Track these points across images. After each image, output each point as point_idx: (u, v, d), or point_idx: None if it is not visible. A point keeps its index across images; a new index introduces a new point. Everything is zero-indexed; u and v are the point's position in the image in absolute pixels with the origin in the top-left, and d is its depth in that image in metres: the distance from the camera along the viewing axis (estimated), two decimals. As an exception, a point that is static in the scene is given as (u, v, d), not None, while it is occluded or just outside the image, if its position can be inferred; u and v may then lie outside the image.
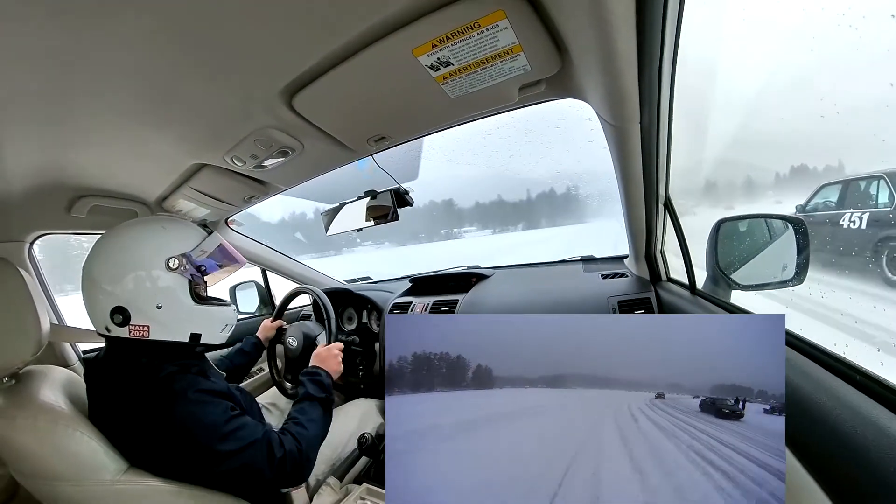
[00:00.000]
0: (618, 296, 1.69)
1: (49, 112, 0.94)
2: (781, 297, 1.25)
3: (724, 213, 1.27)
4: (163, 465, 1.03)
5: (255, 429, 1.06)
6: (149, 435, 1.00)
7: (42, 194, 1.38)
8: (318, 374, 1.34)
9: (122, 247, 1.09)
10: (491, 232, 54.54)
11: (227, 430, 1.01)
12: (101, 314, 1.06)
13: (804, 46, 3.86)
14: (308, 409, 1.22)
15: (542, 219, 76.93)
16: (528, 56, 0.84)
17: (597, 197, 50.88)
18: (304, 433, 1.14)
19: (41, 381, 1.08)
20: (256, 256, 2.47)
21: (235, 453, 1.01)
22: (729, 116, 4.36)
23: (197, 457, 1.00)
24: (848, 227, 3.44)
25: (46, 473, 0.94)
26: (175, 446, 0.99)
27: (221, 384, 1.17)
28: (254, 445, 1.03)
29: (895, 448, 0.52)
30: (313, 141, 1.23)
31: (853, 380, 0.67)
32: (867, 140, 1.56)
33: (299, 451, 1.09)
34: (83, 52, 0.75)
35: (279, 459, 1.04)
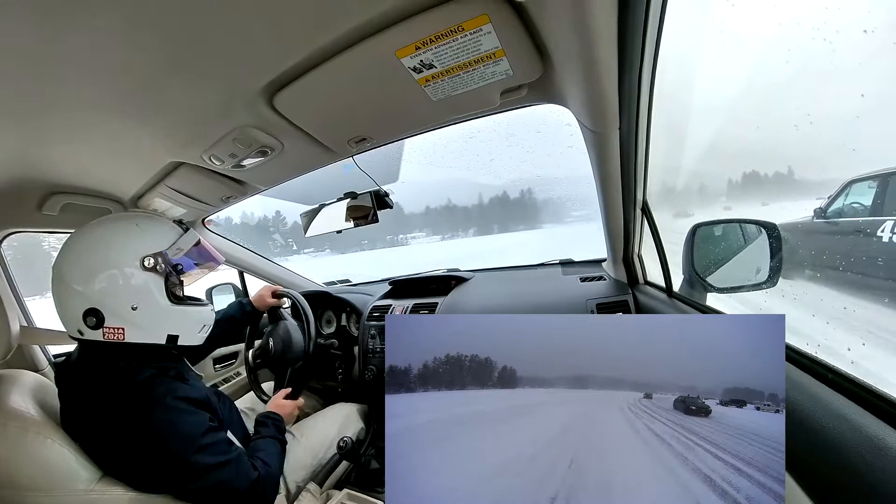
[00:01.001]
0: (596, 298, 1.71)
1: (21, 106, 0.91)
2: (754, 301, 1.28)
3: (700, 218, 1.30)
4: (136, 475, 1.01)
5: (230, 447, 1.07)
6: (123, 441, 0.98)
7: (11, 191, 1.34)
8: (277, 419, 1.40)
9: (94, 245, 1.05)
10: (440, 238, 54.53)
11: (204, 443, 1.00)
12: (72, 316, 1.02)
13: (780, 58, 4.03)
14: (269, 446, 1.27)
15: (495, 224, 76.67)
16: (510, 61, 0.85)
17: (557, 201, 51.10)
18: (271, 461, 1.19)
19: (10, 386, 1.05)
20: (233, 258, 2.43)
21: (211, 468, 1.00)
22: (706, 123, 4.47)
23: (170, 467, 0.98)
24: (892, 240, 2.18)
25: (16, 483, 0.91)
26: (149, 454, 0.97)
27: (201, 391, 1.14)
28: (229, 464, 1.03)
29: (891, 461, 0.52)
30: (293, 141, 1.22)
31: (846, 390, 0.67)
32: (840, 148, 1.59)
33: (269, 474, 1.14)
34: (59, 45, 0.73)
35: (254, 480, 1.06)
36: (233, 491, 1.02)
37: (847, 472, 0.56)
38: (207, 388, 1.25)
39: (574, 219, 34.89)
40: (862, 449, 0.56)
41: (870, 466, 0.54)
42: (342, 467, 1.58)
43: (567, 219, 40.16)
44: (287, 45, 0.82)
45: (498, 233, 58.98)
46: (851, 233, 2.74)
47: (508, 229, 63.60)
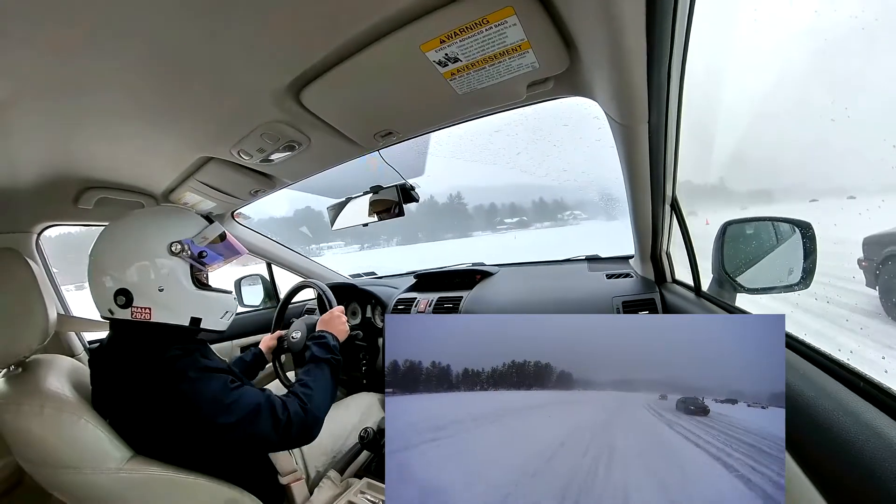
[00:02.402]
0: (622, 296, 1.69)
1: (57, 105, 0.95)
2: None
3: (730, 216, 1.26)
4: (167, 448, 1.05)
5: (255, 396, 1.09)
6: (153, 415, 1.02)
7: (50, 186, 1.39)
8: (323, 336, 1.39)
9: (126, 233, 1.11)
10: (359, 248, 54.07)
11: (228, 401, 1.04)
12: (104, 297, 1.09)
13: (815, 48, 3.81)
14: (314, 370, 1.26)
15: (419, 232, 75.16)
16: (536, 53, 0.84)
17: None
18: (310, 393, 1.17)
19: (47, 369, 1.09)
20: (261, 250, 2.47)
21: (237, 425, 1.03)
22: (739, 117, 4.29)
23: (201, 432, 1.02)
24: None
25: (51, 461, 0.95)
26: (179, 424, 1.01)
27: (220, 361, 1.19)
28: (256, 413, 1.05)
29: (887, 446, 0.53)
30: (320, 135, 1.24)
31: (856, 386, 0.67)
32: (878, 145, 1.51)
33: (305, 411, 1.12)
34: (93, 46, 0.75)
35: (283, 424, 1.07)
36: (263, 439, 1.06)
37: (852, 464, 0.56)
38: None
39: (507, 226, 34.40)
40: (867, 441, 0.56)
41: (879, 462, 0.53)
42: (363, 456, 1.60)
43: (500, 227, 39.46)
44: (312, 40, 0.83)
45: (424, 241, 57.69)
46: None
47: (436, 238, 62.53)
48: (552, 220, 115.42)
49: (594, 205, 44.99)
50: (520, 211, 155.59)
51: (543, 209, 39.06)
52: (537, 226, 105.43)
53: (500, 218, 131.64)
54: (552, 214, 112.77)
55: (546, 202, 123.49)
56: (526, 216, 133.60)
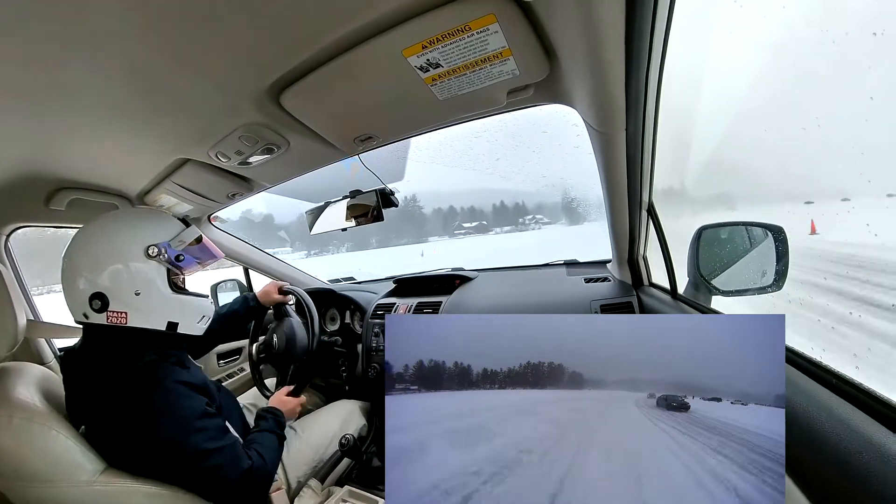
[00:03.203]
0: (600, 299, 1.71)
1: (30, 103, 0.92)
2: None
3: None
4: (137, 459, 1.03)
5: (225, 434, 1.08)
6: (123, 423, 1.00)
7: (20, 186, 1.35)
8: (277, 413, 1.41)
9: (102, 235, 1.10)
10: (306, 254, 53.20)
11: (198, 427, 1.02)
12: (79, 301, 1.06)
13: (788, 60, 3.93)
14: (267, 437, 1.28)
15: (374, 238, 74.44)
16: (517, 60, 0.85)
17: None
18: (265, 453, 1.19)
19: (16, 378, 1.06)
20: (238, 254, 2.44)
21: (204, 453, 1.01)
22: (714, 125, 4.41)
23: (165, 449, 1.00)
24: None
25: (22, 474, 0.92)
26: (146, 436, 0.99)
27: (199, 377, 1.17)
28: (222, 451, 1.04)
29: (890, 465, 0.52)
30: (299, 138, 1.23)
31: (846, 393, 0.67)
32: (847, 151, 1.56)
33: (263, 465, 1.14)
34: (69, 43, 0.73)
35: (246, 470, 1.07)
36: (223, 478, 1.04)
37: (847, 476, 0.56)
38: (208, 378, 1.28)
39: (465, 231, 34.71)
40: (862, 453, 0.56)
41: (871, 471, 0.53)
42: (344, 464, 1.58)
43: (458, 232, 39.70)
44: (294, 43, 0.82)
45: (377, 247, 57.28)
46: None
47: (389, 244, 62.37)
48: (513, 225, 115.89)
49: (556, 209, 45.41)
50: (480, 215, 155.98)
51: (504, 213, 39.10)
52: (497, 230, 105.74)
53: (459, 222, 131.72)
54: (513, 219, 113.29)
55: (507, 206, 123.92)
56: (486, 220, 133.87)
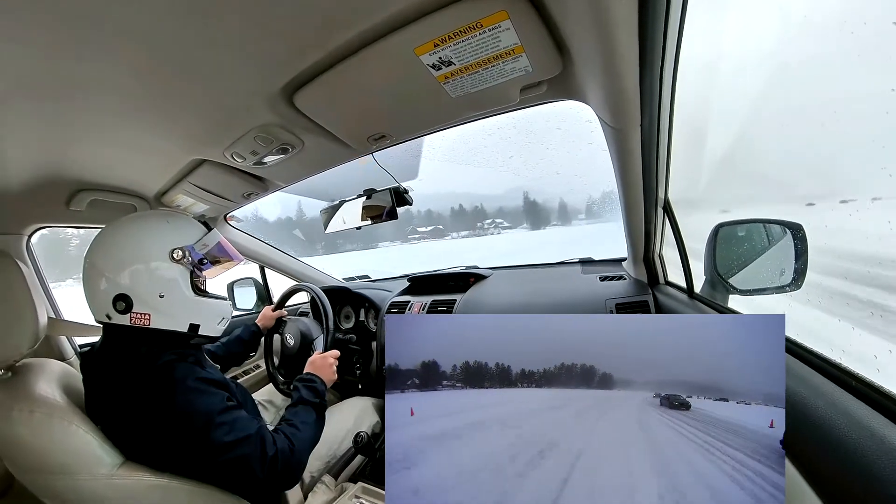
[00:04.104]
0: (615, 298, 1.69)
1: (50, 107, 0.94)
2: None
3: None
4: (157, 456, 1.04)
5: (249, 423, 1.07)
6: (145, 423, 1.01)
7: (41, 188, 1.38)
8: (312, 380, 1.35)
9: (126, 237, 1.10)
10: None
11: (221, 420, 1.02)
12: (103, 301, 1.07)
13: (806, 52, 3.80)
14: (301, 412, 1.23)
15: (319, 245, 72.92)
16: (529, 57, 0.84)
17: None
18: (298, 434, 1.14)
19: (37, 374, 1.08)
20: (255, 253, 2.46)
21: (228, 446, 1.01)
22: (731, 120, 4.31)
23: (191, 445, 1.01)
24: None
25: (42, 467, 0.94)
26: (170, 434, 1.00)
27: (217, 374, 1.19)
28: (247, 440, 1.03)
29: (890, 455, 0.52)
30: (314, 138, 1.24)
31: (849, 386, 0.67)
32: (866, 146, 1.51)
33: (291, 450, 1.09)
34: (86, 47, 0.75)
35: (271, 458, 1.04)
36: (250, 469, 1.02)
37: (848, 464, 0.57)
38: (224, 376, 1.28)
39: (420, 236, 33.76)
40: (865, 444, 0.56)
41: (873, 462, 0.53)
42: (357, 461, 1.59)
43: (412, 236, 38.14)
44: (306, 44, 0.83)
45: (323, 253, 55.84)
46: None
47: (336, 249, 61.30)
48: (470, 230, 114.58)
49: (517, 214, 44.61)
50: (436, 219, 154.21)
51: (462, 217, 37.39)
52: (454, 235, 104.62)
53: (413, 227, 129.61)
54: (471, 223, 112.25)
55: (466, 210, 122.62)
56: (442, 224, 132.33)
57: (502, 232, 65.81)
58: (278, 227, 45.41)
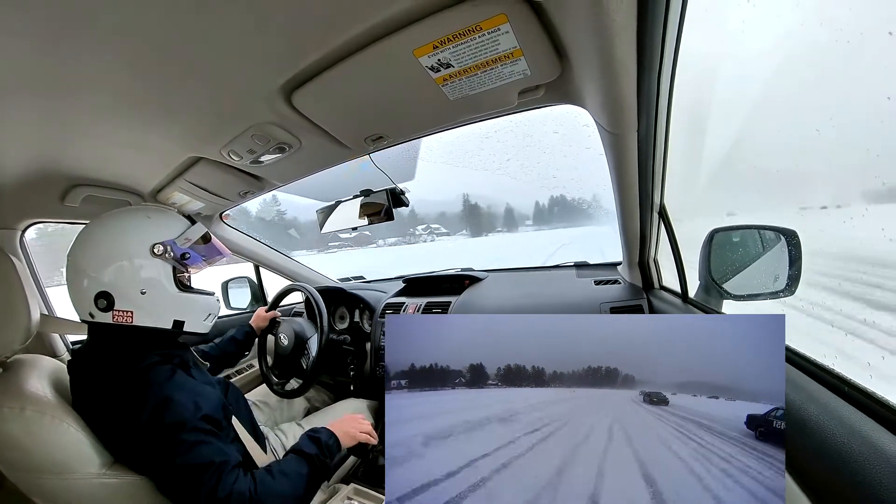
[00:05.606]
0: (610, 302, 1.70)
1: (45, 102, 0.93)
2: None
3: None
4: (133, 457, 1.02)
5: (213, 452, 0.98)
6: (123, 423, 0.99)
7: (36, 183, 1.37)
8: (317, 431, 1.23)
9: (107, 234, 1.09)
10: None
11: (184, 439, 0.96)
12: (85, 300, 1.06)
13: (804, 61, 3.85)
14: (290, 461, 1.11)
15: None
16: (528, 61, 0.85)
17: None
18: (268, 483, 1.01)
19: (29, 370, 1.07)
20: (249, 252, 2.45)
21: (182, 469, 0.94)
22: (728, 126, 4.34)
23: (150, 453, 0.97)
24: None
25: (32, 465, 0.93)
26: (138, 439, 0.97)
27: (204, 378, 1.17)
28: (204, 468, 0.94)
29: (881, 459, 0.53)
30: (311, 138, 1.23)
31: (842, 392, 0.68)
32: (860, 153, 1.52)
33: (250, 497, 0.95)
34: (83, 44, 0.74)
35: (220, 499, 0.93)
36: (196, 499, 0.93)
37: (847, 477, 0.56)
38: (213, 378, 1.27)
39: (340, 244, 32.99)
40: (857, 449, 0.56)
41: (864, 467, 0.54)
42: (350, 462, 1.59)
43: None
44: (305, 43, 0.82)
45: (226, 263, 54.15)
46: None
47: (238, 260, 60.17)
48: (400, 236, 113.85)
49: (456, 219, 43.74)
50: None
51: (395, 223, 36.78)
52: (381, 242, 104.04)
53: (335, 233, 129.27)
54: (402, 230, 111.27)
55: (401, 215, 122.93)
56: (368, 231, 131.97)
57: (438, 239, 64.21)
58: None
